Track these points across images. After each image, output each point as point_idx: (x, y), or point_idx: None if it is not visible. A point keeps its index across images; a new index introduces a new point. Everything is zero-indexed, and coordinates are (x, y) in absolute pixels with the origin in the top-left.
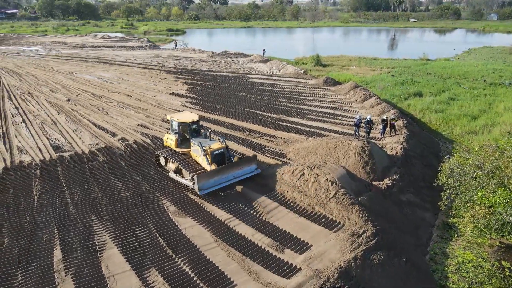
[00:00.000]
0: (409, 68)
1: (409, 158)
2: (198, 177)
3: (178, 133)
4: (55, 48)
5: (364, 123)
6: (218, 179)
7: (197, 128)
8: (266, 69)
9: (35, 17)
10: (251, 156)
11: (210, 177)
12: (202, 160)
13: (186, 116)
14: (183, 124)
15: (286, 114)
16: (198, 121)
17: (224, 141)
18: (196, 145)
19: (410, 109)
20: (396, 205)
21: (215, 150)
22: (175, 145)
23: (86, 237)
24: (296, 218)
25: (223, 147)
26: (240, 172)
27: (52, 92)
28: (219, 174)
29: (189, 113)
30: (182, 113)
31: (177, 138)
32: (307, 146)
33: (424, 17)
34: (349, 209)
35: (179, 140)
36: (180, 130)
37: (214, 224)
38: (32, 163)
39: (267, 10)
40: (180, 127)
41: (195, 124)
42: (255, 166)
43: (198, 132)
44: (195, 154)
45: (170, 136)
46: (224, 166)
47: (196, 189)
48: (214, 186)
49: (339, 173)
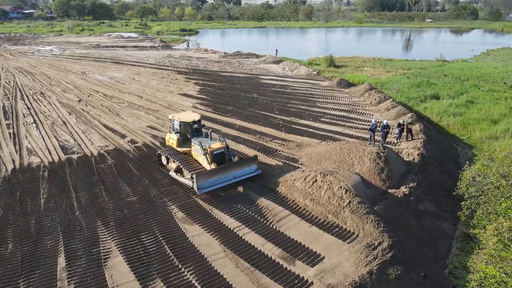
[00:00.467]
0: (425, 69)
1: (427, 164)
2: (197, 176)
3: (180, 133)
4: (69, 48)
5: (380, 128)
6: (218, 179)
7: (199, 127)
8: (279, 70)
9: (51, 17)
10: (252, 157)
11: (209, 176)
12: (202, 159)
13: (187, 115)
14: (184, 123)
15: (298, 116)
16: (199, 121)
17: (224, 140)
18: (196, 145)
19: (427, 112)
20: (413, 215)
21: (215, 150)
22: (176, 144)
23: (91, 243)
24: (308, 227)
25: (223, 147)
26: (240, 172)
27: (64, 92)
28: (219, 174)
29: (190, 113)
30: (184, 112)
31: (178, 137)
32: (320, 150)
33: (440, 17)
34: (364, 219)
35: (180, 139)
36: (182, 130)
37: (223, 232)
38: (40, 165)
39: (280, 10)
40: (181, 126)
41: (197, 124)
42: (255, 167)
43: (200, 132)
44: (195, 153)
45: (172, 135)
46: (224, 165)
47: (195, 188)
48: (213, 186)
49: (354, 180)
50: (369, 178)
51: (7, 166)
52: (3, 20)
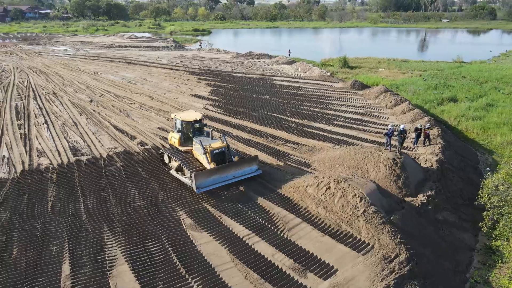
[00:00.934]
0: (442, 71)
1: (446, 171)
2: (195, 175)
3: (181, 132)
4: (83, 48)
5: (397, 133)
6: (217, 178)
7: (200, 126)
8: (291, 71)
9: (67, 17)
10: (252, 157)
11: (208, 175)
12: (202, 158)
13: (189, 114)
14: (186, 122)
15: (311, 119)
16: (201, 120)
17: (225, 140)
18: (197, 144)
19: (444, 116)
20: (431, 225)
21: (215, 149)
22: (178, 143)
23: (96, 250)
24: (320, 237)
25: (223, 146)
26: (240, 172)
27: (76, 93)
28: (218, 173)
29: (193, 112)
30: (186, 111)
31: (180, 136)
32: (333, 155)
33: (457, 17)
34: (380, 229)
35: (182, 138)
36: (184, 129)
37: (232, 241)
38: (49, 167)
39: (293, 10)
40: (183, 125)
41: (198, 123)
42: (256, 167)
43: (201, 131)
44: (196, 152)
45: (174, 134)
46: (223, 165)
47: (194, 187)
48: (212, 185)
49: (369, 188)
50: (385, 185)
51: (16, 167)
52: (20, 20)
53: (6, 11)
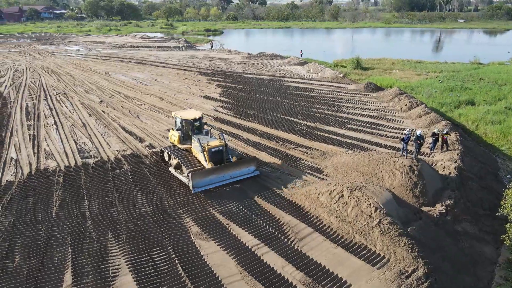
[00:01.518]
0: (459, 72)
1: (465, 179)
2: (192, 174)
3: (181, 130)
4: (95, 48)
5: (414, 140)
6: (214, 178)
7: (200, 125)
8: (303, 72)
9: (81, 17)
10: (251, 158)
11: (205, 175)
12: (201, 156)
13: (189, 113)
14: (185, 121)
15: (323, 122)
16: (200, 119)
17: (224, 138)
18: (196, 142)
19: (462, 119)
20: (450, 237)
21: (213, 147)
22: (178, 141)
23: (100, 259)
24: (333, 248)
25: (221, 145)
26: (237, 172)
27: (86, 93)
28: (215, 173)
29: (193, 111)
30: (186, 110)
31: (180, 134)
32: (346, 161)
33: (473, 17)
34: (396, 242)
35: (181, 136)
36: (183, 127)
37: (240, 251)
38: (56, 169)
39: (305, 11)
40: (183, 124)
41: (198, 121)
42: (253, 168)
43: (201, 130)
44: (195, 150)
45: (174, 132)
46: (221, 165)
47: (190, 186)
48: (209, 185)
49: (384, 197)
50: (401, 194)
51: (23, 169)
52: (35, 20)
53: (21, 11)
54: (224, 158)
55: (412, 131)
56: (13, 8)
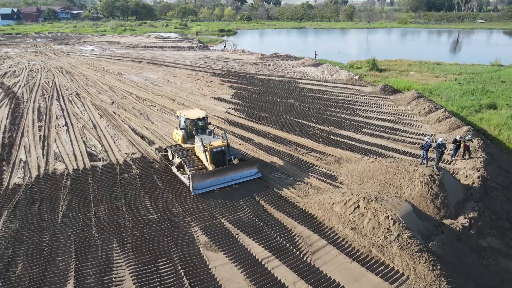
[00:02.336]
0: (479, 74)
1: (489, 189)
2: (193, 176)
3: (185, 129)
4: (109, 48)
5: (435, 147)
6: (215, 180)
7: (204, 125)
8: (317, 74)
9: (97, 17)
10: (253, 160)
11: (206, 177)
12: (203, 156)
13: (193, 112)
14: (189, 120)
15: (338, 126)
16: (204, 118)
17: (226, 138)
18: (198, 141)
19: (483, 124)
20: (474, 253)
21: (215, 148)
22: (181, 140)
23: (103, 269)
24: (348, 263)
25: (223, 145)
26: (239, 175)
27: (98, 94)
28: (216, 175)
29: (197, 110)
30: (191, 109)
31: (184, 134)
32: (362, 168)
33: (493, 17)
34: (416, 258)
35: (185, 136)
36: (187, 126)
37: (250, 264)
38: (64, 172)
39: (320, 11)
40: (187, 123)
41: (202, 121)
42: (255, 170)
43: (204, 129)
44: (198, 150)
45: (178, 131)
46: (222, 168)
47: (191, 187)
48: (209, 187)
49: (404, 209)
50: (421, 205)
51: (32, 172)
52: (53, 20)
53: (39, 11)
54: (226, 159)
55: (433, 137)
56: (31, 8)
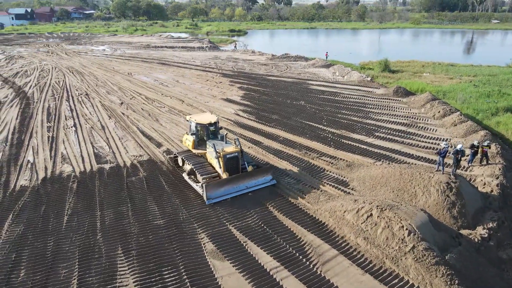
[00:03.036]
0: (495, 76)
1: (508, 197)
2: (207, 185)
3: (196, 134)
4: (120, 48)
5: (453, 153)
6: (229, 189)
7: (215, 130)
8: (329, 75)
9: (109, 17)
10: (267, 167)
11: (220, 186)
12: (215, 163)
13: (204, 117)
14: (200, 125)
15: (349, 129)
16: (216, 123)
17: (239, 144)
18: (210, 147)
19: (500, 128)
20: (493, 265)
21: (228, 154)
22: (192, 146)
23: (107, 277)
24: (360, 275)
25: (237, 151)
26: (253, 182)
27: (108, 94)
28: (230, 184)
29: (208, 115)
30: (202, 114)
31: (194, 139)
32: (375, 174)
33: (508, 18)
34: (432, 271)
35: (196, 141)
36: (198, 132)
37: (257, 274)
38: (71, 175)
39: (331, 11)
40: (197, 128)
41: (213, 126)
42: (270, 177)
43: (216, 134)
44: (210, 156)
45: (188, 136)
46: (236, 175)
47: (204, 197)
48: (223, 196)
49: (419, 219)
50: (437, 214)
51: (39, 174)
52: (65, 20)
53: (52, 11)
54: (239, 165)
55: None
56: (44, 8)
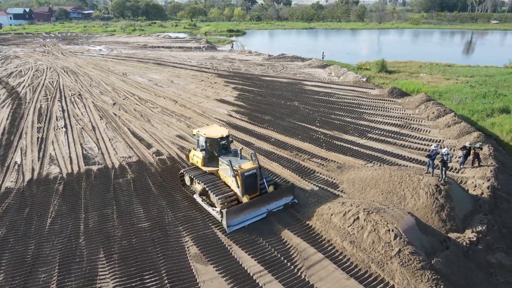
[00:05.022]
0: (492, 77)
1: (499, 200)
2: (227, 212)
3: (205, 150)
4: (117, 48)
5: (440, 161)
6: (250, 213)
7: (227, 144)
8: (324, 75)
9: (108, 17)
10: (289, 186)
11: (240, 211)
12: (231, 181)
13: (214, 131)
14: (211, 140)
15: (342, 130)
16: (227, 137)
17: (256, 159)
18: (225, 164)
19: (495, 129)
20: (482, 270)
21: (246, 171)
22: (201, 163)
23: (87, 281)
24: (345, 279)
25: (255, 168)
26: (274, 204)
27: (101, 95)
28: (251, 208)
29: (217, 127)
30: (210, 127)
31: (204, 155)
32: (365, 176)
33: (508, 18)
34: (418, 276)
35: (206, 157)
36: (208, 147)
37: (240, 279)
38: (58, 176)
39: (330, 11)
40: (207, 143)
41: (224, 140)
42: (291, 197)
43: (228, 149)
44: (223, 174)
45: (197, 153)
46: (257, 198)
47: (224, 225)
48: (244, 222)
49: (406, 222)
50: (425, 217)
51: (25, 175)
52: (64, 20)
53: (51, 11)
54: (257, 183)
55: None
56: (43, 8)
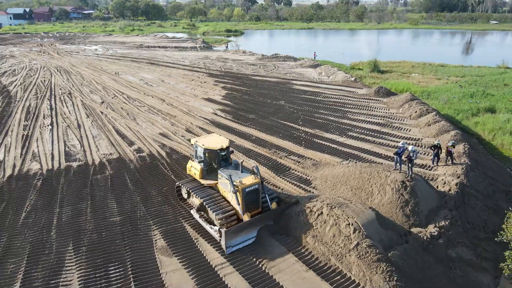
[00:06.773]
0: (483, 77)
1: (467, 196)
2: (226, 232)
3: (204, 162)
4: (112, 48)
5: (407, 157)
6: (251, 231)
7: (227, 155)
8: (314, 75)
9: (107, 17)
10: (294, 201)
11: (240, 230)
12: (231, 197)
13: (213, 141)
14: (209, 151)
15: (323, 129)
16: (228, 148)
17: (259, 173)
18: (224, 178)
19: (478, 129)
20: (440, 263)
21: (247, 187)
22: (199, 175)
23: (53, 272)
24: (304, 271)
25: (257, 183)
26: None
27: (90, 93)
28: (252, 226)
29: (217, 137)
30: (209, 136)
31: (203, 167)
32: (337, 173)
33: (508, 18)
34: (373, 268)
35: (204, 169)
36: (207, 158)
37: (202, 271)
38: (38, 172)
39: (330, 11)
40: (206, 154)
41: (225, 151)
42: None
43: (228, 161)
44: (223, 188)
45: (194, 164)
46: (258, 216)
47: (223, 245)
48: (244, 242)
49: (366, 216)
50: (389, 212)
51: (6, 172)
52: (64, 20)
53: (51, 11)
54: (259, 199)
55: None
56: (43, 8)
